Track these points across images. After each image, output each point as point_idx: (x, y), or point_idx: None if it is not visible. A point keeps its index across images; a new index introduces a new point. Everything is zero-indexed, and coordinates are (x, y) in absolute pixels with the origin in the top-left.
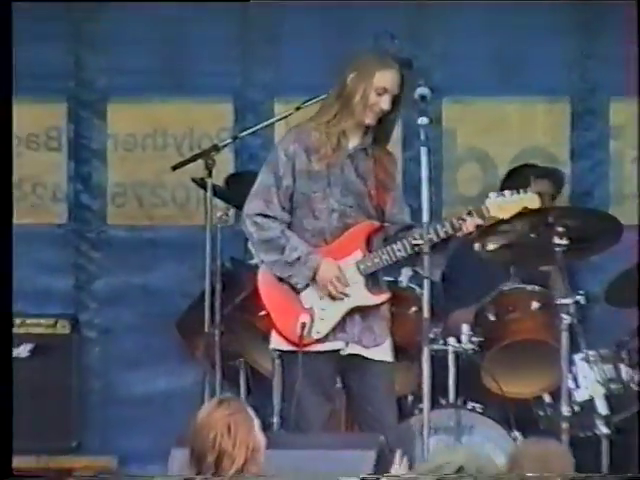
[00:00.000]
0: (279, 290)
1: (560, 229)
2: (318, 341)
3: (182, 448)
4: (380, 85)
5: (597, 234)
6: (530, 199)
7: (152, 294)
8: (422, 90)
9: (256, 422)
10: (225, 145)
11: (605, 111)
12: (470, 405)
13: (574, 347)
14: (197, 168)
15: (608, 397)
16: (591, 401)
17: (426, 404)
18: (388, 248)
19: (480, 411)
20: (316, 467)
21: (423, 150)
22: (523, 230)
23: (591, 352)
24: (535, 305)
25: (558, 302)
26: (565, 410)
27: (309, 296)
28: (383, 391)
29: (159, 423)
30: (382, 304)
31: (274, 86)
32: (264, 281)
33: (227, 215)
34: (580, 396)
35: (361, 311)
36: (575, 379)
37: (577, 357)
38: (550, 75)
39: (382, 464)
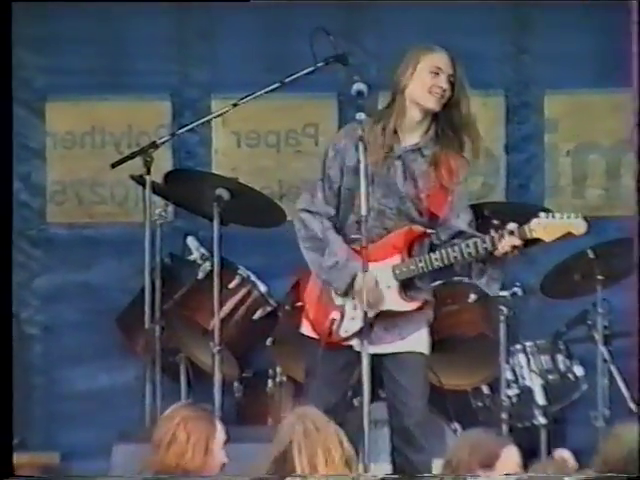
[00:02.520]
0: (315, 282)
1: (496, 222)
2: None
3: (124, 443)
4: (433, 64)
5: None
6: (577, 225)
7: (93, 291)
8: (359, 86)
9: (219, 434)
10: (163, 142)
11: (539, 105)
12: None
13: (511, 338)
14: (136, 166)
15: (545, 388)
16: (529, 392)
17: (366, 397)
18: (426, 256)
19: None
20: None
21: (360, 146)
22: None
23: (528, 343)
24: (472, 297)
25: (495, 294)
26: (503, 401)
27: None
28: (408, 382)
29: (101, 418)
30: (413, 311)
31: (211, 84)
32: (305, 274)
33: (166, 212)
34: (518, 387)
35: (391, 315)
36: (513, 370)
37: (514, 348)
38: (485, 69)
39: None
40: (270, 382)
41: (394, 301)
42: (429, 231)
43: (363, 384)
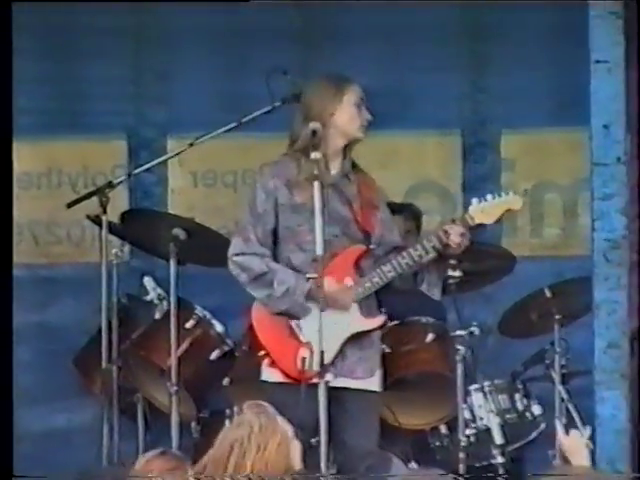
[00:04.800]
0: (274, 325)
1: (453, 262)
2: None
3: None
4: (358, 96)
5: (490, 266)
6: (513, 201)
7: (49, 331)
8: (313, 125)
9: None
10: (119, 182)
11: (496, 144)
12: None
13: (469, 378)
14: (92, 205)
15: (503, 427)
16: (487, 431)
17: (323, 438)
18: (378, 271)
19: None
20: None
21: (316, 184)
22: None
23: (486, 382)
24: (430, 337)
25: (453, 333)
26: (462, 440)
27: (306, 330)
28: (365, 421)
29: (58, 459)
30: (378, 328)
31: (167, 123)
32: (258, 317)
33: (122, 251)
34: (476, 426)
35: (357, 339)
36: (471, 410)
37: (472, 388)
38: (441, 108)
39: None
40: (227, 422)
41: (358, 322)
42: (371, 247)
43: (320, 422)
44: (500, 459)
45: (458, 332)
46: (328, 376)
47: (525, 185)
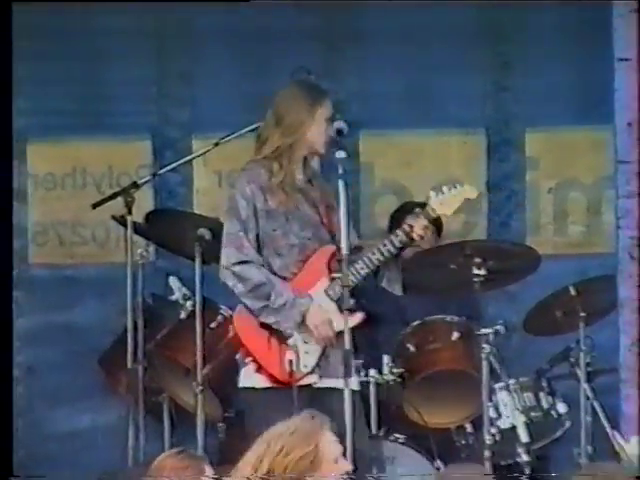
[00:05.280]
0: (258, 329)
1: (478, 260)
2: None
3: None
4: (330, 111)
5: (514, 264)
6: (469, 191)
7: (75, 332)
8: (339, 124)
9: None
10: (144, 182)
11: (520, 142)
12: (392, 436)
13: (494, 376)
14: (117, 206)
15: (528, 425)
16: (512, 429)
17: (349, 436)
18: (351, 269)
19: (402, 442)
20: None
21: (341, 183)
22: (443, 261)
23: (511, 381)
24: (455, 335)
25: (478, 332)
26: (487, 439)
27: (289, 331)
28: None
29: (84, 459)
30: (357, 325)
31: (191, 124)
32: (241, 323)
33: (147, 252)
34: (501, 424)
35: (339, 339)
36: (496, 408)
37: (497, 386)
38: (465, 107)
39: None
40: None
41: (339, 322)
42: (341, 246)
43: (346, 420)
44: (525, 457)
45: (483, 330)
46: (313, 378)
47: (549, 183)
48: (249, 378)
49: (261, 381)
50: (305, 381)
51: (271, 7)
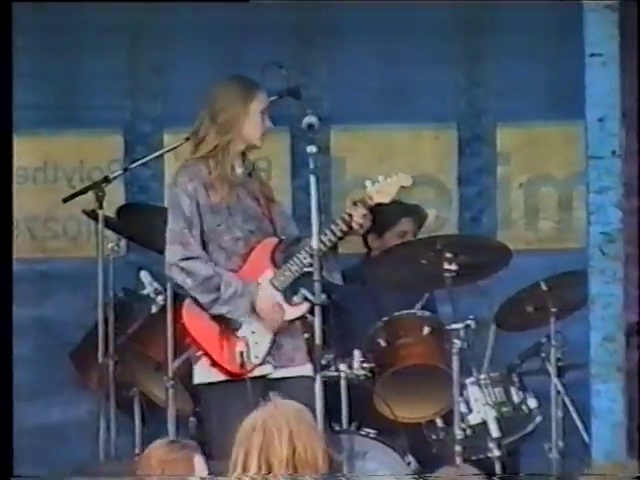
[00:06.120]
0: (207, 323)
1: (449, 255)
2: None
3: (78, 478)
4: (263, 104)
5: (485, 259)
6: (404, 179)
7: (46, 326)
8: (310, 119)
9: (199, 472)
10: (115, 177)
11: (492, 137)
12: (363, 431)
13: (465, 371)
14: (88, 200)
15: (499, 420)
16: (483, 424)
17: (320, 427)
18: (295, 259)
19: (373, 436)
20: None
21: (312, 178)
22: (413, 256)
23: (482, 376)
24: (426, 330)
25: (448, 327)
26: (458, 434)
27: (238, 323)
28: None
29: (55, 454)
30: (303, 315)
31: (163, 118)
32: (190, 315)
33: (118, 246)
34: (472, 419)
35: (287, 329)
36: (467, 403)
37: (468, 381)
38: (437, 102)
39: None
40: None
41: (287, 312)
42: (282, 237)
43: (316, 415)
44: (496, 452)
45: (454, 325)
46: (267, 368)
47: (521, 178)
48: (204, 373)
49: (215, 375)
50: (259, 372)
51: (247, 4)
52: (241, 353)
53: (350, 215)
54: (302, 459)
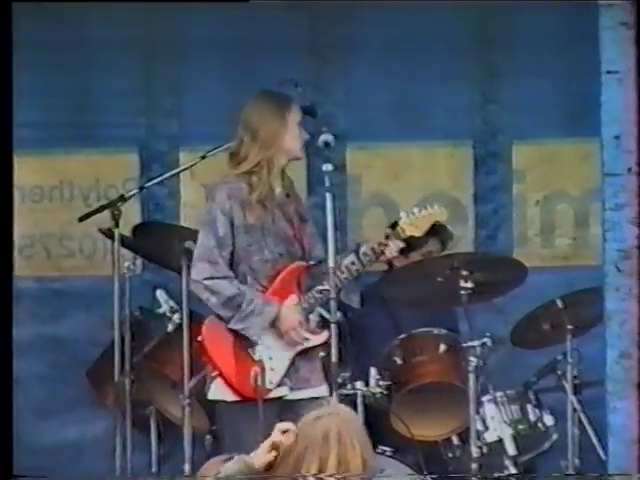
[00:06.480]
0: (226, 343)
1: (465, 273)
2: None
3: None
4: (299, 116)
5: (501, 277)
6: (439, 213)
7: (62, 344)
8: (326, 137)
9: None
10: (131, 195)
11: (507, 155)
12: (380, 449)
13: (481, 389)
14: (104, 219)
15: (516, 438)
16: (499, 442)
17: None
18: (319, 288)
19: (390, 454)
20: None
21: (328, 196)
22: (430, 274)
23: (498, 393)
24: (442, 348)
25: (465, 344)
26: (474, 451)
27: (257, 347)
28: None
29: (71, 472)
30: (323, 343)
31: (179, 136)
32: (210, 335)
33: (134, 265)
34: (488, 437)
35: (305, 353)
36: (483, 420)
37: (485, 399)
38: (452, 120)
39: None
40: None
41: (307, 339)
42: (311, 263)
43: None
44: (513, 470)
45: (470, 343)
46: (283, 390)
47: (536, 196)
48: (218, 391)
49: (230, 395)
50: (275, 394)
51: (260, 18)
52: (255, 378)
53: (383, 246)
54: (367, 467)
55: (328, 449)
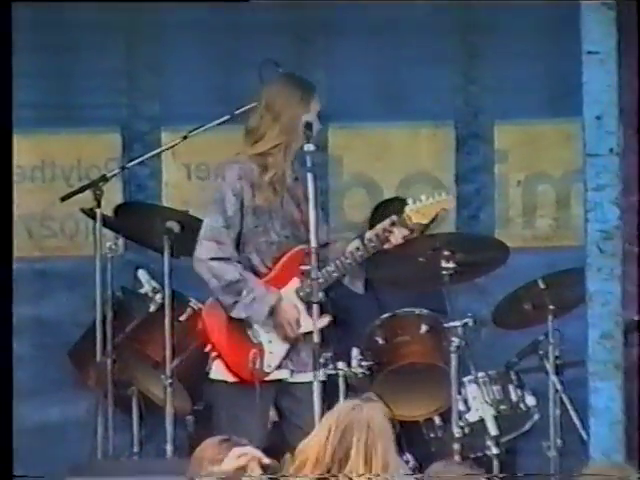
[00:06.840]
0: (227, 325)
1: (447, 253)
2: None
3: (76, 477)
4: (319, 107)
5: (483, 257)
6: (446, 200)
7: (44, 325)
8: (307, 117)
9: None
10: (113, 175)
11: (489, 135)
12: None
13: (463, 369)
14: (86, 199)
15: (497, 418)
16: (481, 422)
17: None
18: (323, 271)
19: None
20: None
21: (310, 176)
22: (411, 255)
23: (480, 374)
24: (424, 328)
25: (447, 325)
26: (456, 432)
27: (256, 330)
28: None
29: (52, 453)
30: (324, 327)
31: (160, 116)
32: (211, 317)
33: (116, 245)
34: (470, 417)
35: (306, 337)
36: (465, 401)
37: (466, 379)
38: (434, 100)
39: None
40: None
41: (307, 323)
42: (313, 246)
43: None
44: (494, 450)
45: (452, 323)
46: (284, 373)
47: (518, 176)
48: (220, 372)
49: (226, 375)
50: (275, 376)
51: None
52: (253, 361)
53: (388, 233)
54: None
55: (373, 437)
